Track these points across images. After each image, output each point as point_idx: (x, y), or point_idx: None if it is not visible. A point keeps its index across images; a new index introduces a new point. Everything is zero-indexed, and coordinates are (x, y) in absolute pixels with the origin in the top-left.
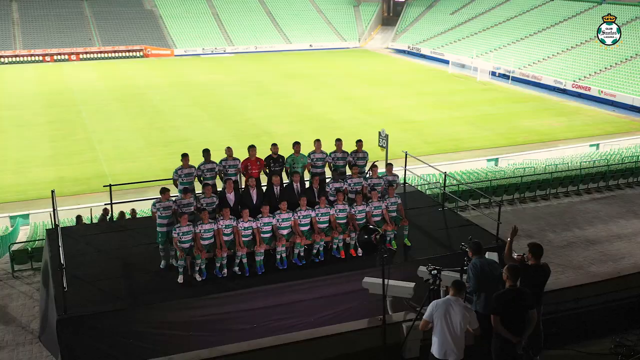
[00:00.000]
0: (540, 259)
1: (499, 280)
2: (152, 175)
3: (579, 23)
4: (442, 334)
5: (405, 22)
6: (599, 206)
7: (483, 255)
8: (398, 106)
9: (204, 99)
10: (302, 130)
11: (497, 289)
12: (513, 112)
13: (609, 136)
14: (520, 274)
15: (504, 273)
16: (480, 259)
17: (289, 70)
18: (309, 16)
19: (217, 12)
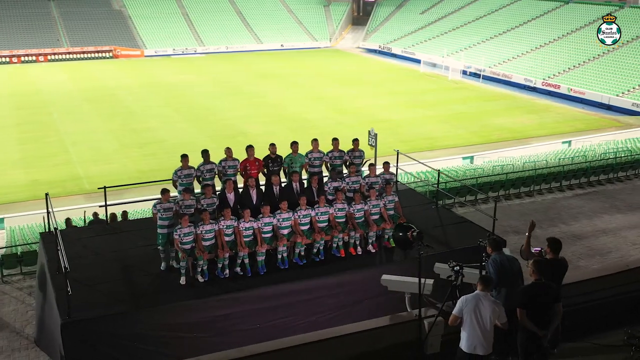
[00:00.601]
0: (558, 253)
1: (518, 276)
2: (129, 177)
3: (547, 22)
4: (472, 329)
5: (375, 22)
6: (582, 202)
7: (502, 251)
8: (371, 105)
9: (177, 100)
10: (277, 130)
11: (517, 284)
12: (485, 110)
13: (580, 133)
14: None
15: (529, 267)
16: (500, 255)
17: (261, 70)
18: (279, 16)
19: (187, 12)
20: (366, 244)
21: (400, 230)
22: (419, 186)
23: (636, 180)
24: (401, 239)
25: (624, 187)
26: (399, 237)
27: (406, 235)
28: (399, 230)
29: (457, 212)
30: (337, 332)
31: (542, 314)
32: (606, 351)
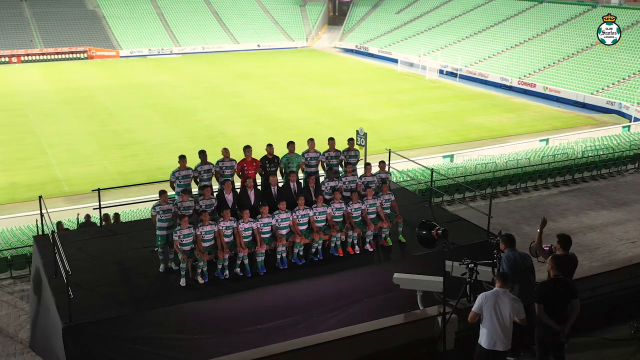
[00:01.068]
0: (569, 249)
1: (531, 272)
2: (110, 178)
3: (521, 21)
4: (492, 325)
5: (351, 22)
6: (568, 199)
7: (515, 247)
8: (350, 105)
9: (155, 101)
10: (256, 130)
11: (530, 281)
12: (463, 109)
13: (557, 131)
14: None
15: (548, 263)
16: (513, 252)
17: (238, 70)
18: (255, 16)
19: (162, 13)
20: (363, 243)
21: (423, 229)
22: (408, 185)
23: (619, 177)
24: (425, 237)
25: (608, 184)
26: (422, 235)
27: (431, 233)
28: (422, 228)
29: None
30: (353, 330)
31: (560, 310)
32: (615, 345)
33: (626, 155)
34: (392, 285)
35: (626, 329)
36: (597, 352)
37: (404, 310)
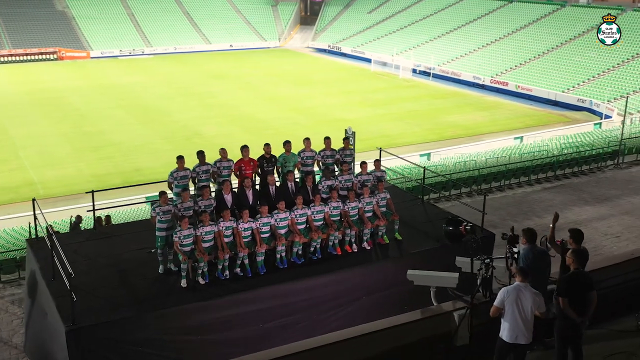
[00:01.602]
0: (581, 243)
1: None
2: (85, 181)
3: (492, 21)
4: (514, 319)
5: (324, 22)
6: (551, 195)
7: (535, 243)
8: (325, 105)
9: (128, 102)
10: (232, 131)
11: (545, 277)
12: (437, 107)
13: (531, 129)
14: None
15: (568, 257)
16: (533, 248)
17: (211, 70)
18: (227, 16)
19: (133, 13)
20: (361, 242)
21: (450, 225)
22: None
23: (599, 173)
24: (452, 232)
25: (589, 180)
26: (449, 231)
27: (458, 229)
28: (448, 224)
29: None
30: (371, 327)
31: (580, 302)
32: (622, 336)
33: (605, 152)
34: (390, 283)
35: (631, 320)
36: (607, 344)
37: (403, 307)
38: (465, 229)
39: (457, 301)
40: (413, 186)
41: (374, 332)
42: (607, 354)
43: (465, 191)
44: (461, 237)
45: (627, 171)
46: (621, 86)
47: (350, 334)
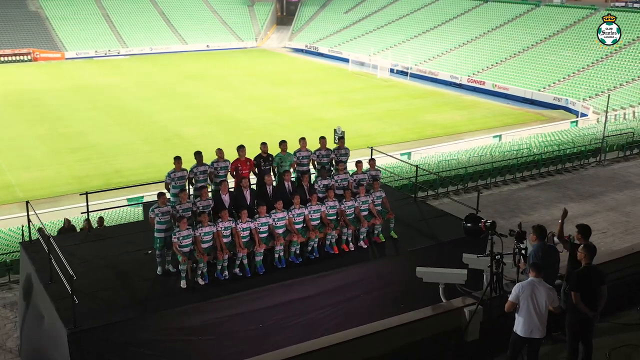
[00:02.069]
0: (588, 238)
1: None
2: (64, 183)
3: (467, 20)
4: (528, 314)
5: (300, 22)
6: (537, 192)
7: (545, 240)
8: (304, 105)
9: (106, 103)
10: (212, 131)
11: (554, 272)
12: (416, 107)
13: (509, 127)
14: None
15: (580, 252)
16: (542, 244)
17: (189, 71)
18: (203, 16)
19: (108, 14)
20: (357, 240)
21: (469, 221)
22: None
23: (582, 170)
24: (472, 229)
25: (573, 177)
26: (468, 228)
27: (478, 225)
28: (468, 221)
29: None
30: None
31: (592, 296)
32: (626, 330)
33: (588, 149)
34: (387, 281)
35: (633, 314)
36: (613, 337)
37: (400, 304)
38: (485, 225)
39: (467, 297)
40: (402, 184)
41: (388, 329)
42: (613, 347)
43: (453, 189)
44: (480, 233)
45: (610, 168)
46: (596, 84)
47: (364, 331)
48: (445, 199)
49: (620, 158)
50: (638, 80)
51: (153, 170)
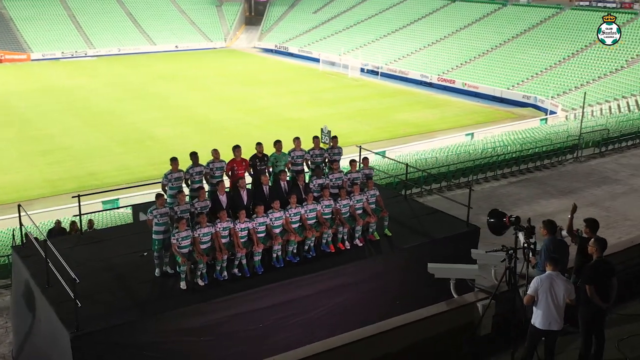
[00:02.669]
0: (596, 232)
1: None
2: (37, 186)
3: (436, 20)
4: (547, 307)
5: (269, 22)
6: (518, 189)
7: (555, 234)
8: (276, 105)
9: (76, 105)
10: (186, 132)
11: (564, 266)
12: (387, 106)
13: (481, 125)
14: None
15: (590, 246)
16: (553, 239)
17: (159, 72)
18: (171, 17)
19: (74, 14)
20: (352, 239)
21: (492, 217)
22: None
23: (560, 166)
24: (495, 224)
25: (552, 174)
26: (492, 223)
27: (502, 221)
28: (491, 216)
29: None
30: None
31: (604, 289)
32: (631, 320)
33: (565, 146)
34: (383, 278)
35: (636, 304)
36: (619, 328)
37: (397, 299)
38: (509, 220)
39: (479, 292)
40: (387, 182)
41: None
42: (620, 337)
43: (436, 187)
44: (505, 228)
45: (587, 164)
46: (563, 83)
47: (383, 327)
48: (429, 196)
49: (596, 154)
50: (604, 78)
51: (127, 172)
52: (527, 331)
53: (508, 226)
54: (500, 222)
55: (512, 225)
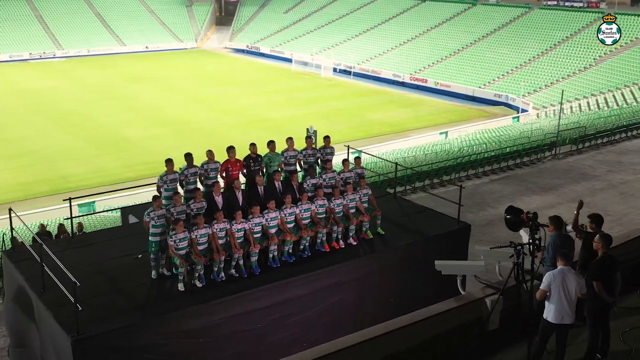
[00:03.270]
0: (601, 227)
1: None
2: (8, 190)
3: (406, 20)
4: (559, 301)
5: (240, 22)
6: (500, 186)
7: (562, 230)
8: (250, 105)
9: (46, 107)
10: (160, 133)
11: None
12: (361, 105)
13: (454, 124)
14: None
15: (595, 242)
16: (559, 234)
17: (130, 73)
18: (141, 17)
19: (41, 15)
20: (346, 238)
21: (510, 214)
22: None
23: (539, 164)
24: (513, 220)
25: (531, 171)
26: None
27: (520, 217)
28: (508, 213)
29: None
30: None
31: (610, 284)
32: (631, 313)
33: (544, 143)
34: (377, 276)
35: (634, 297)
36: (620, 321)
37: (391, 297)
38: (527, 217)
39: (486, 288)
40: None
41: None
42: (623, 330)
43: (420, 185)
44: (523, 224)
45: (565, 161)
46: (534, 81)
47: (393, 325)
48: (413, 194)
49: (574, 151)
50: (574, 76)
51: (102, 174)
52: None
53: (526, 222)
54: (518, 218)
55: (529, 221)
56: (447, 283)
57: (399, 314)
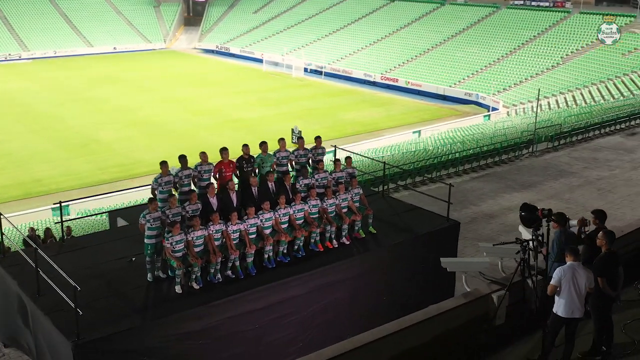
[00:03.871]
0: (604, 222)
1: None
2: None
3: (376, 20)
4: (570, 296)
5: (209, 22)
6: (480, 184)
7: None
8: (222, 105)
9: (14, 109)
10: (132, 135)
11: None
12: (333, 105)
13: (427, 123)
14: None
15: (599, 239)
16: (564, 230)
17: (98, 74)
18: (108, 18)
19: (5, 15)
20: (339, 237)
21: (525, 210)
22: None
23: (517, 161)
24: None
25: (510, 168)
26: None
27: (535, 214)
28: (523, 210)
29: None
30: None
31: (613, 279)
32: (631, 306)
33: (522, 141)
34: (371, 275)
35: (632, 290)
36: (621, 314)
37: (383, 294)
38: (542, 213)
39: (492, 284)
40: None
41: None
42: (624, 322)
43: (402, 183)
44: (538, 220)
45: (542, 158)
46: (503, 80)
47: (406, 322)
48: (397, 193)
49: (550, 149)
50: (542, 74)
51: (74, 177)
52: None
53: (541, 218)
54: (533, 214)
55: (544, 217)
56: (438, 280)
57: (392, 312)
